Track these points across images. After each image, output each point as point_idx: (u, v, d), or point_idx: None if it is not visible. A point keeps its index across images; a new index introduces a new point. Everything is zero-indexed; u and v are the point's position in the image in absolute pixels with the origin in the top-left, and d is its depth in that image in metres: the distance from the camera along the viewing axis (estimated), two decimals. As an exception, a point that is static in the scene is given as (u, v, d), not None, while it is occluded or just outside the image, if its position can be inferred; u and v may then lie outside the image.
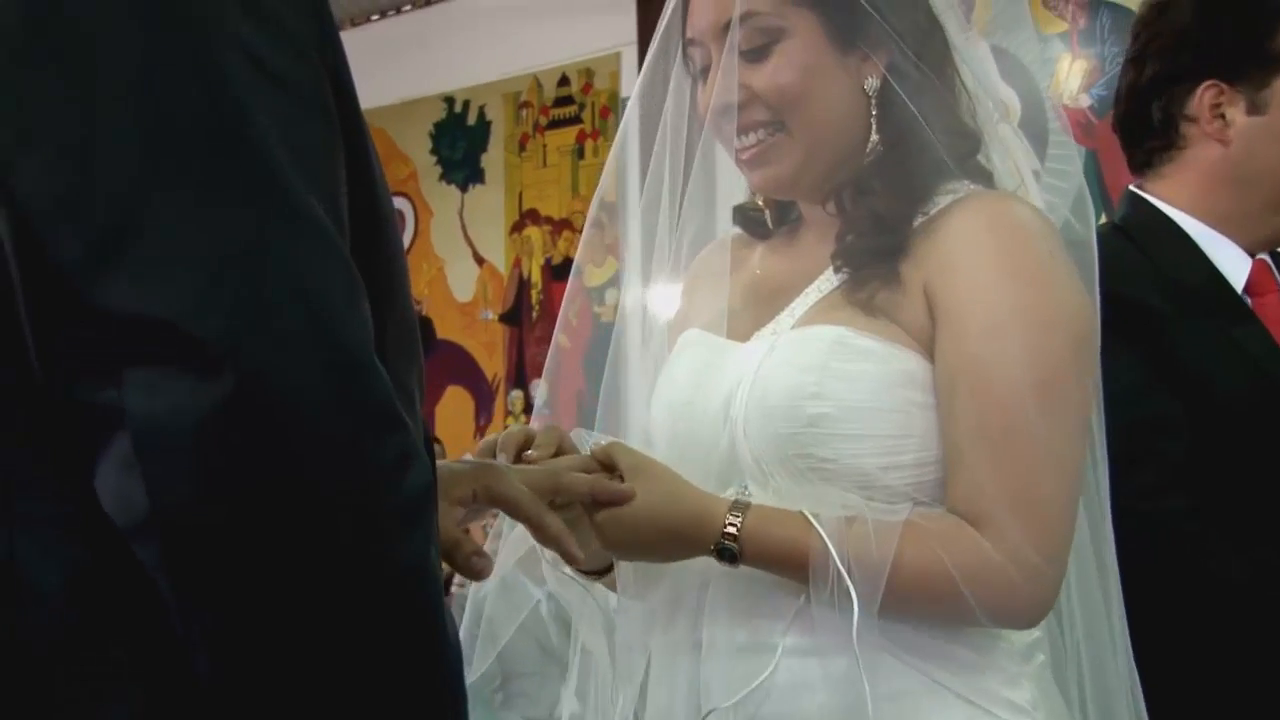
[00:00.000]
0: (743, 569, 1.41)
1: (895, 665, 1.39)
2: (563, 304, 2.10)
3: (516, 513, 1.37)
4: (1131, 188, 1.89)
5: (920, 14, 1.48)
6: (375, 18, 8.74)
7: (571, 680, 1.67)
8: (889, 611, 1.35)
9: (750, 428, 1.42)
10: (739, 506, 1.37)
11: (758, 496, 1.43)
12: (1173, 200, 1.88)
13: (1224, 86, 1.78)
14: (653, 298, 1.70)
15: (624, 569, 1.47)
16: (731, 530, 1.34)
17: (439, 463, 1.35)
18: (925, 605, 1.37)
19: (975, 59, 1.49)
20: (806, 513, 1.36)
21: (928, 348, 1.40)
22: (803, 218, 1.58)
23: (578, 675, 1.66)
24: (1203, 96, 1.85)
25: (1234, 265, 1.79)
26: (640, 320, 1.71)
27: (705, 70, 1.50)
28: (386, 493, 0.83)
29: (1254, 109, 1.79)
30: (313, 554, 0.80)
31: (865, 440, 1.39)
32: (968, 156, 1.48)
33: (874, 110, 1.47)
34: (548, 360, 2.37)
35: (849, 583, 1.32)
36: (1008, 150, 1.53)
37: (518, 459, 1.45)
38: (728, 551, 1.36)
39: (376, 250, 0.94)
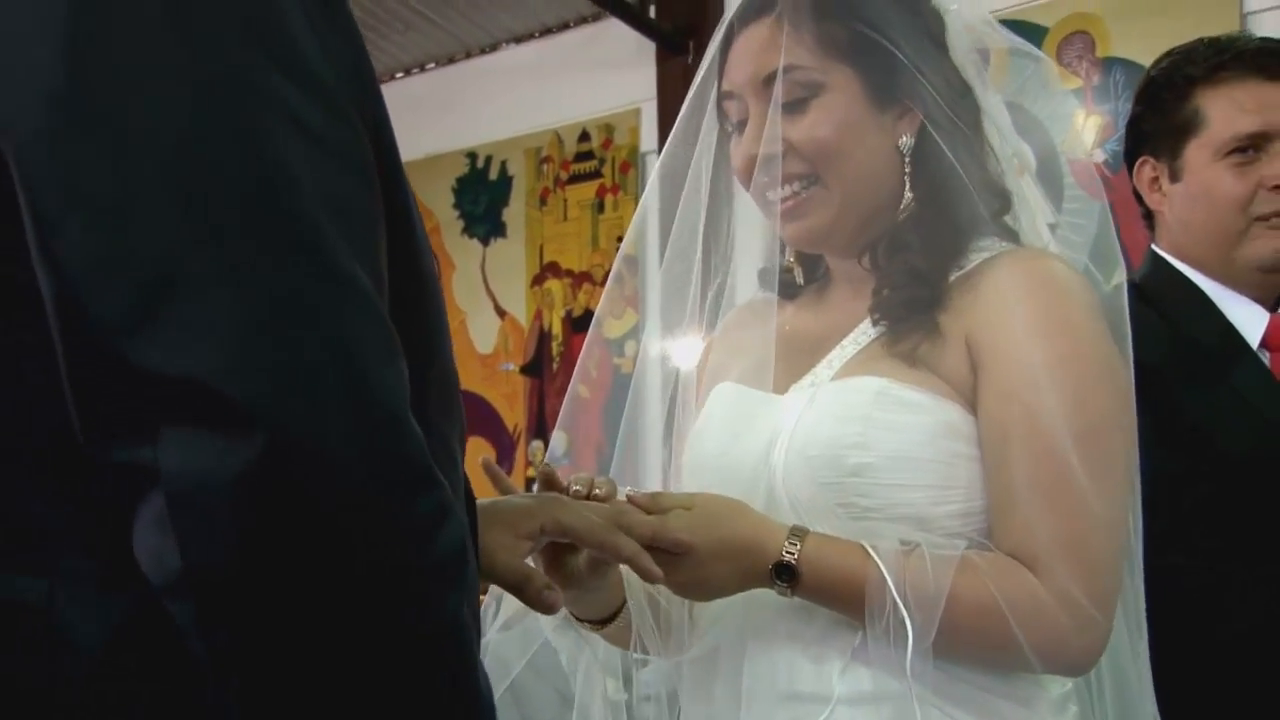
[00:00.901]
0: (789, 612, 1.40)
1: (942, 718, 1.36)
2: (581, 355, 2.10)
3: (586, 540, 1.34)
4: (1153, 246, 1.96)
5: (952, 74, 1.49)
6: (399, 75, 8.83)
7: None
8: (941, 647, 1.32)
9: (790, 476, 1.41)
10: (797, 532, 1.36)
11: None
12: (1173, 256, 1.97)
13: (1153, 161, 1.90)
14: (672, 350, 1.71)
15: (650, 627, 1.46)
16: (790, 556, 1.33)
17: (506, 498, 1.36)
18: (977, 642, 1.34)
19: (995, 114, 1.50)
20: (865, 544, 1.35)
21: (968, 399, 1.40)
22: (830, 273, 1.58)
23: None
24: (1141, 171, 2.03)
25: (1250, 320, 1.82)
26: (660, 372, 1.72)
27: (741, 124, 1.51)
28: (418, 552, 0.82)
29: (1175, 177, 1.89)
30: (344, 613, 0.79)
31: (909, 490, 1.38)
32: (1000, 215, 1.48)
33: (907, 167, 1.48)
34: (563, 409, 2.36)
35: (905, 614, 1.30)
36: (1031, 206, 1.54)
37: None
38: (785, 573, 1.34)
39: (417, 307, 0.95)
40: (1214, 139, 1.85)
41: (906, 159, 1.49)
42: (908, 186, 1.50)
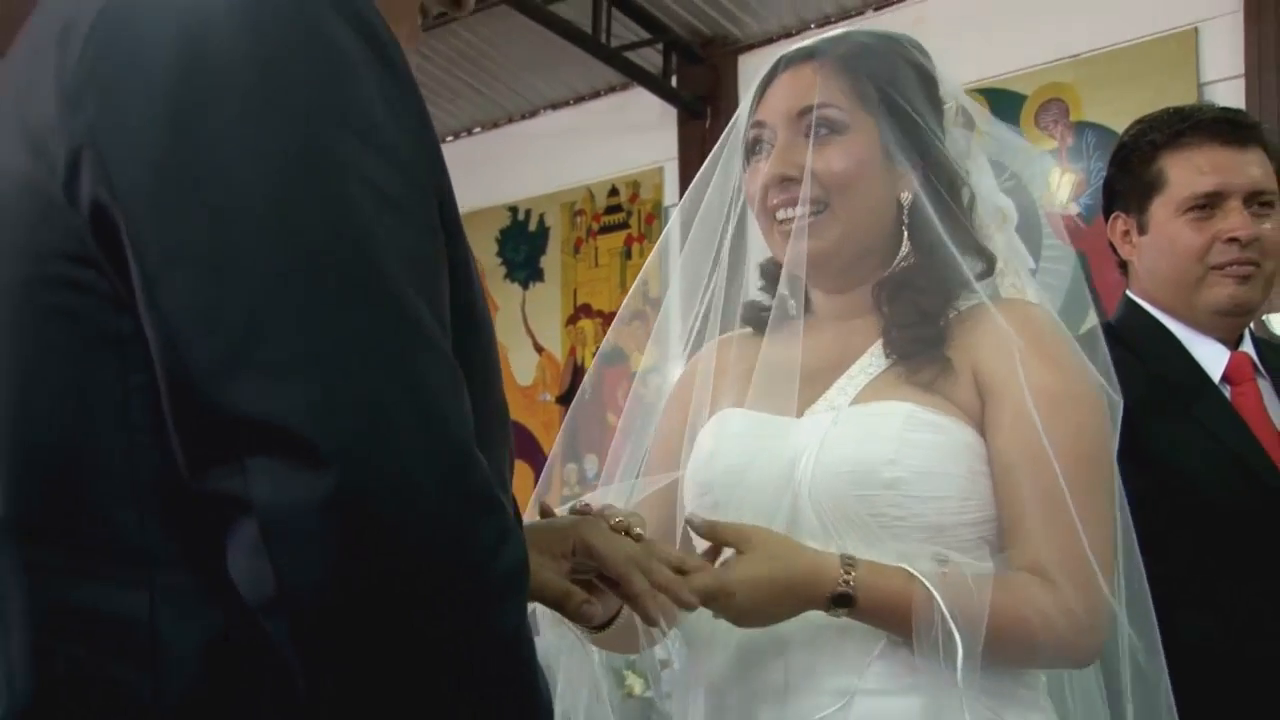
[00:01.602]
0: (823, 630, 1.41)
1: (975, 706, 1.39)
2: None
3: (608, 565, 1.32)
4: (1127, 292, 1.98)
5: (949, 144, 1.52)
6: (449, 138, 8.85)
7: None
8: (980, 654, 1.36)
9: (818, 490, 1.41)
10: (849, 562, 1.36)
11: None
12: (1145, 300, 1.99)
13: (1124, 216, 1.92)
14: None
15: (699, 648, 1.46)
16: (845, 585, 1.33)
17: (544, 520, 1.35)
18: (1004, 649, 1.38)
19: (980, 179, 1.52)
20: (908, 567, 1.37)
21: (978, 423, 1.44)
22: (812, 309, 1.58)
23: None
24: (1114, 225, 2.05)
25: (1213, 357, 1.85)
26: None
27: (764, 148, 1.52)
28: (487, 570, 0.82)
29: (1143, 230, 1.95)
30: (423, 626, 0.79)
31: (935, 501, 1.40)
32: (985, 275, 1.51)
33: (905, 219, 1.50)
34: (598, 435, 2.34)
35: (954, 628, 1.32)
36: (1011, 257, 1.56)
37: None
38: (843, 601, 1.35)
39: (475, 346, 0.94)
40: (1175, 197, 1.87)
41: (905, 212, 1.49)
42: (906, 237, 1.52)
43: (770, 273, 1.62)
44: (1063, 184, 6.31)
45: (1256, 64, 5.80)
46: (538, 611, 1.43)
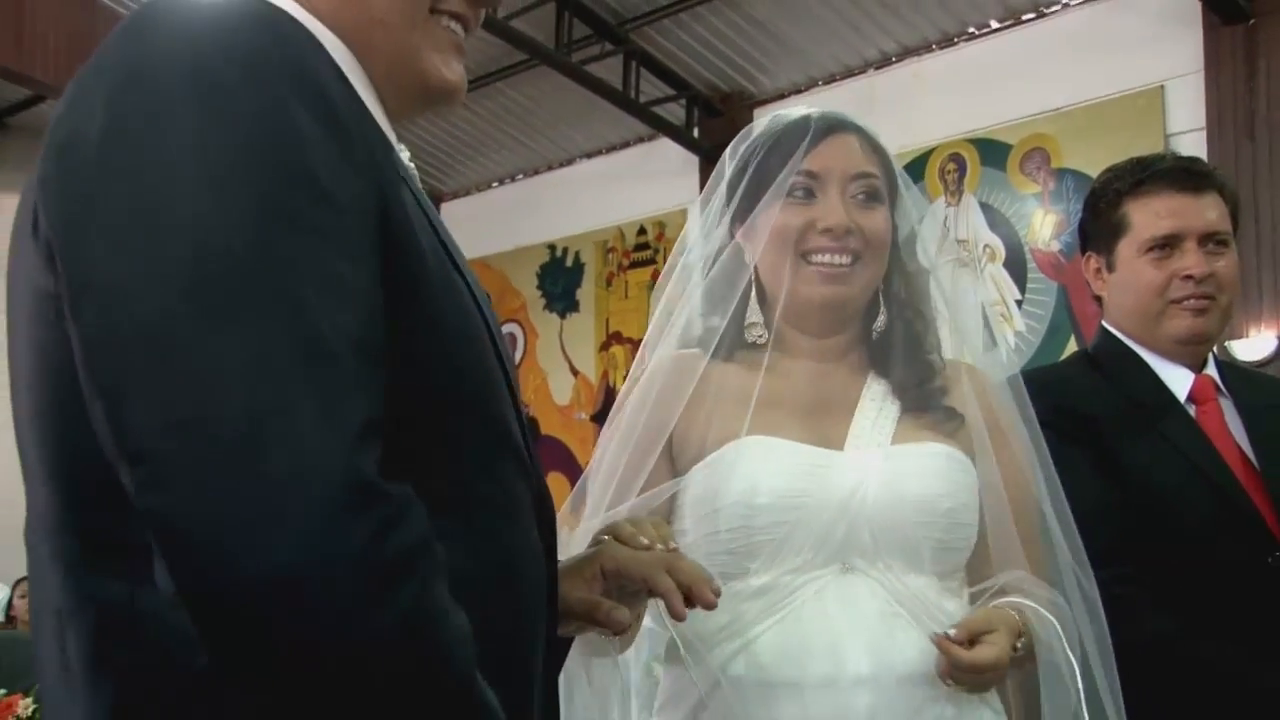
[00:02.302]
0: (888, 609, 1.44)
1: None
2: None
3: (630, 575, 1.26)
4: (1103, 322, 1.99)
5: (920, 241, 1.56)
6: (495, 184, 8.99)
7: None
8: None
9: (880, 516, 1.41)
10: (1020, 621, 1.41)
11: (862, 569, 1.43)
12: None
13: (1095, 255, 1.93)
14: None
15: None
16: (1023, 635, 1.39)
17: (574, 555, 1.29)
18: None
19: (967, 224, 1.55)
20: (1028, 605, 1.44)
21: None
22: (783, 346, 1.53)
23: None
24: (1088, 263, 2.06)
25: (1178, 381, 1.86)
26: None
27: (815, 198, 1.49)
28: (370, 559, 0.75)
29: (1111, 268, 1.97)
30: (304, 625, 0.73)
31: (967, 528, 1.45)
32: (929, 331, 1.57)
33: (882, 286, 1.54)
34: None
35: (1067, 647, 1.42)
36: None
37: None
38: (1020, 637, 1.40)
39: (442, 369, 0.90)
40: (1137, 239, 1.88)
41: (883, 280, 1.53)
42: (882, 302, 1.54)
43: (733, 297, 1.56)
44: (1045, 224, 6.35)
45: (1216, 118, 5.86)
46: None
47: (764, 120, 1.61)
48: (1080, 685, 1.40)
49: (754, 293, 1.55)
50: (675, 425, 1.51)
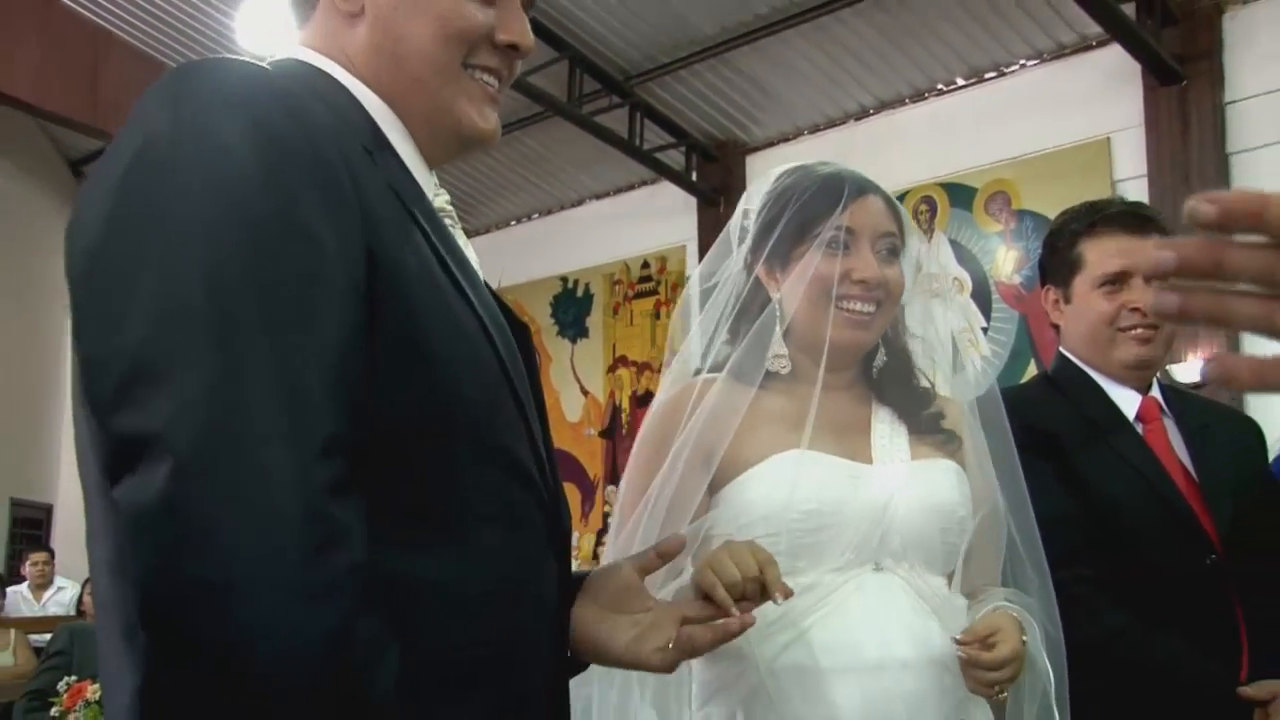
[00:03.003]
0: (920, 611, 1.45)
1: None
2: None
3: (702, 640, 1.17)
4: (1060, 349, 2.02)
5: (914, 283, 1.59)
6: (513, 223, 9.02)
7: None
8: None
9: (910, 522, 1.44)
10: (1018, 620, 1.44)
11: (890, 568, 1.45)
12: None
13: (1053, 289, 1.96)
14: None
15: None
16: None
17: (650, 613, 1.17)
18: None
19: (938, 259, 1.56)
20: (1014, 607, 1.46)
21: None
22: (807, 373, 1.53)
23: None
24: (1046, 296, 2.07)
25: (1127, 402, 1.89)
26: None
27: (850, 251, 1.51)
28: (305, 574, 0.72)
29: (1068, 300, 1.98)
30: (232, 629, 0.71)
31: (968, 534, 1.48)
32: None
33: (889, 332, 1.58)
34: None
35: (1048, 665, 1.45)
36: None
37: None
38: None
39: (432, 390, 0.87)
40: (1091, 275, 1.91)
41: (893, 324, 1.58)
42: (881, 342, 1.56)
43: (760, 335, 1.56)
44: (1007, 259, 6.41)
45: (1156, 166, 5.96)
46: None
47: (786, 171, 1.61)
48: (1051, 672, 1.43)
49: (778, 326, 1.55)
50: (719, 441, 1.49)
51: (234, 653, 0.71)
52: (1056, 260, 1.98)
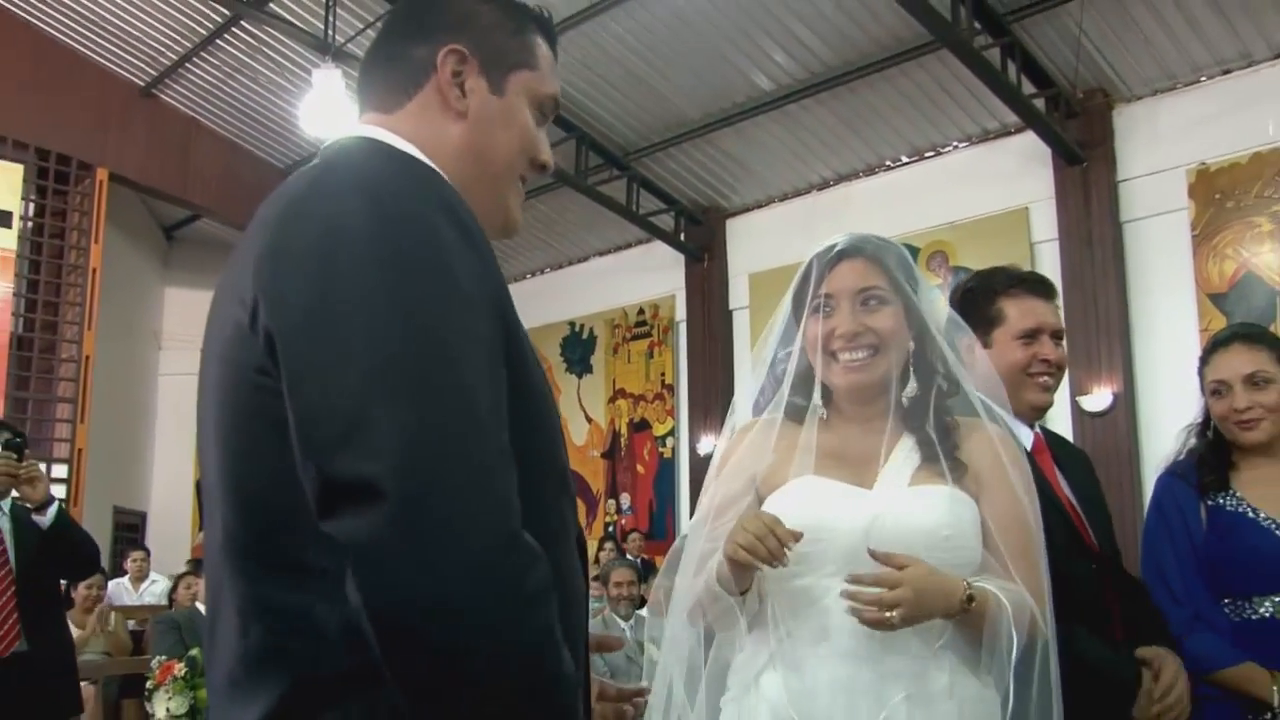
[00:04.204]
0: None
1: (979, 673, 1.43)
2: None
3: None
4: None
5: (928, 312, 1.54)
6: (528, 276, 9.07)
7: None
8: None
9: (895, 541, 1.40)
10: (967, 580, 1.39)
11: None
12: None
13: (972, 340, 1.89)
14: (698, 446, 1.63)
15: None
16: (970, 589, 1.36)
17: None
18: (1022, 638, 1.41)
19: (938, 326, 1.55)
20: (992, 589, 1.39)
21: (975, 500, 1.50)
22: (842, 409, 1.56)
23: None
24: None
25: (1025, 437, 1.86)
26: (688, 458, 1.64)
27: (832, 311, 1.52)
28: (516, 588, 0.73)
29: (986, 347, 1.88)
30: (464, 636, 0.71)
31: (964, 551, 1.44)
32: (953, 395, 1.53)
33: (912, 361, 1.53)
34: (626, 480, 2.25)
35: (1014, 631, 1.38)
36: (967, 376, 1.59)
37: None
38: (969, 600, 1.37)
39: (535, 423, 0.87)
40: (1011, 329, 1.86)
41: (911, 355, 1.52)
42: (912, 374, 1.52)
43: (800, 383, 1.58)
44: (942, 310, 6.30)
45: (1065, 231, 6.10)
46: None
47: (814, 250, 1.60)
48: (1013, 654, 1.37)
49: (788, 379, 1.58)
50: (759, 469, 1.54)
51: (473, 654, 0.72)
52: (977, 313, 1.90)
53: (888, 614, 1.33)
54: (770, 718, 1.42)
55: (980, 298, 1.92)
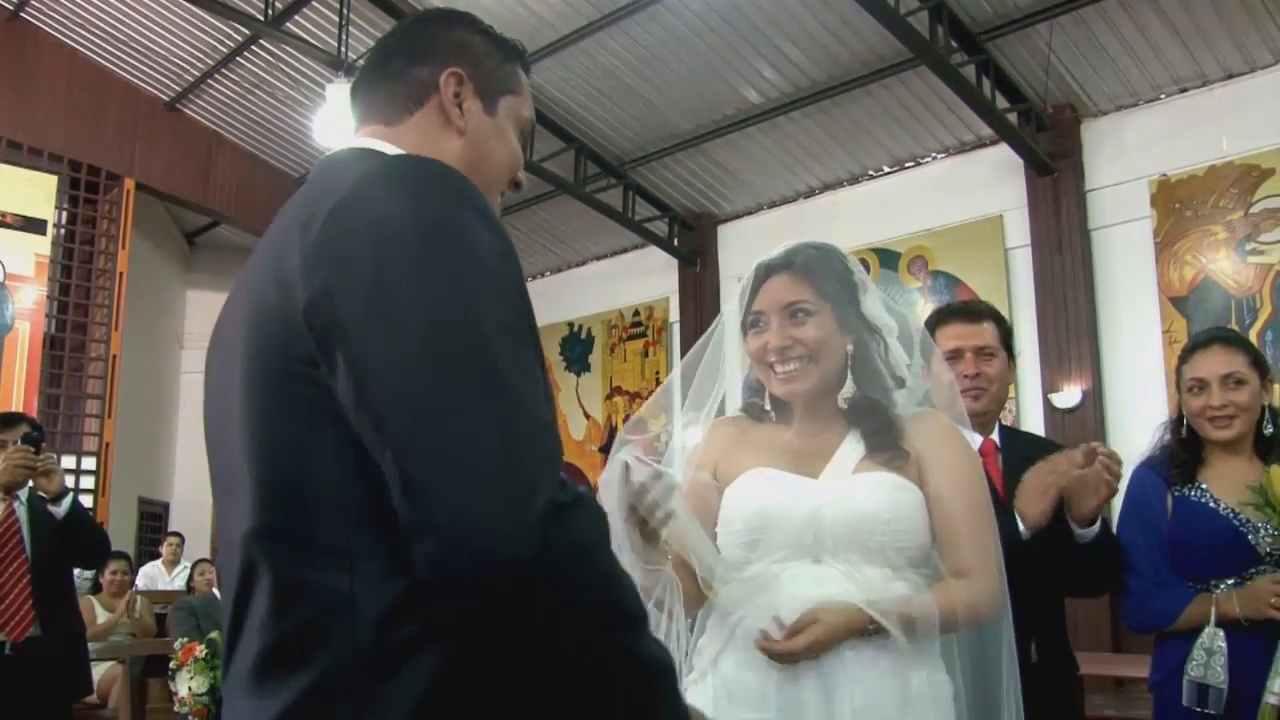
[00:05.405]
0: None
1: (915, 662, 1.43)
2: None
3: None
4: None
5: (869, 313, 1.53)
6: (531, 279, 8.92)
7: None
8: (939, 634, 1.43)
9: (836, 526, 1.42)
10: (869, 610, 1.39)
11: (828, 562, 1.44)
12: None
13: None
14: (687, 440, 1.62)
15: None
16: (873, 624, 1.37)
17: None
18: (947, 626, 1.43)
19: (885, 325, 1.55)
20: (875, 615, 1.39)
21: (920, 486, 1.48)
22: (794, 410, 1.56)
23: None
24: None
25: (974, 440, 1.89)
26: (681, 453, 1.63)
27: (764, 327, 1.54)
28: (566, 540, 0.75)
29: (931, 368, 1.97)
30: (521, 579, 0.73)
31: (907, 534, 1.44)
32: (898, 389, 1.52)
33: (850, 363, 1.52)
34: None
35: (898, 632, 1.38)
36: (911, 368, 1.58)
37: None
38: (875, 630, 1.38)
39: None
40: (941, 350, 1.97)
41: (849, 358, 1.51)
42: (850, 375, 1.52)
43: (754, 388, 1.61)
44: (925, 310, 6.38)
45: (1037, 238, 6.13)
46: None
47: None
48: (935, 646, 1.41)
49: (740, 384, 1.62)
50: (719, 462, 1.56)
51: (554, 592, 0.74)
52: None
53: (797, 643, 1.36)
54: (728, 700, 1.43)
55: (931, 330, 2.02)
